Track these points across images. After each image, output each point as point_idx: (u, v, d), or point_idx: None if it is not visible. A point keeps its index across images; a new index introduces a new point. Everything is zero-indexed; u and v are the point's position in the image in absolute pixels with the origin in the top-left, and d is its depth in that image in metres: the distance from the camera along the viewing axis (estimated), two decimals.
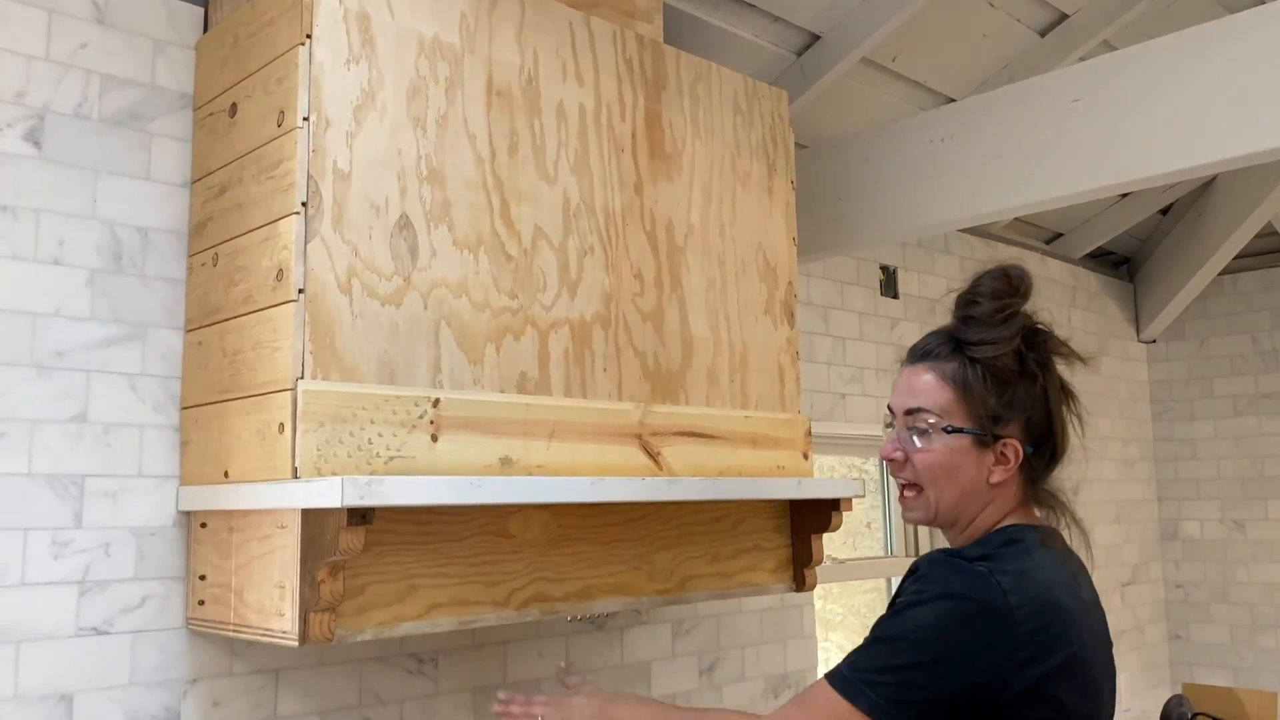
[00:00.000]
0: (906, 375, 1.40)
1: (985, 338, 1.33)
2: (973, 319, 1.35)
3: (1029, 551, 1.28)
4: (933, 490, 1.36)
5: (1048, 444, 1.37)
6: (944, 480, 1.35)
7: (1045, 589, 1.23)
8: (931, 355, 1.37)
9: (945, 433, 1.34)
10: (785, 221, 2.26)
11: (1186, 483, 4.70)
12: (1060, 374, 1.39)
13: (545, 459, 1.73)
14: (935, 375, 1.36)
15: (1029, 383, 1.34)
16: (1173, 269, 4.54)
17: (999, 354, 1.32)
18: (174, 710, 1.68)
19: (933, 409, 1.35)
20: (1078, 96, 2.28)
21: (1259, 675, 4.40)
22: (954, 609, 1.21)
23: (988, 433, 1.33)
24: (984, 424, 1.33)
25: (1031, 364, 1.34)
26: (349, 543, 1.39)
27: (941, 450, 1.35)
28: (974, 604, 1.20)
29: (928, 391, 1.36)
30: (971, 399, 1.33)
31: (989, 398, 1.33)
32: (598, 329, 1.87)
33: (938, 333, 1.40)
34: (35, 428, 1.58)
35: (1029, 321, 1.37)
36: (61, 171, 1.65)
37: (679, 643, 2.51)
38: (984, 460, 1.34)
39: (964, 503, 1.36)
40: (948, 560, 1.26)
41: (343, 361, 1.53)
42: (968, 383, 1.33)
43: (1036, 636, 1.20)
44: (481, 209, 1.72)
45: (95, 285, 1.66)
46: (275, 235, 1.54)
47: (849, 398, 3.22)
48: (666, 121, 2.04)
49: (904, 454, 1.38)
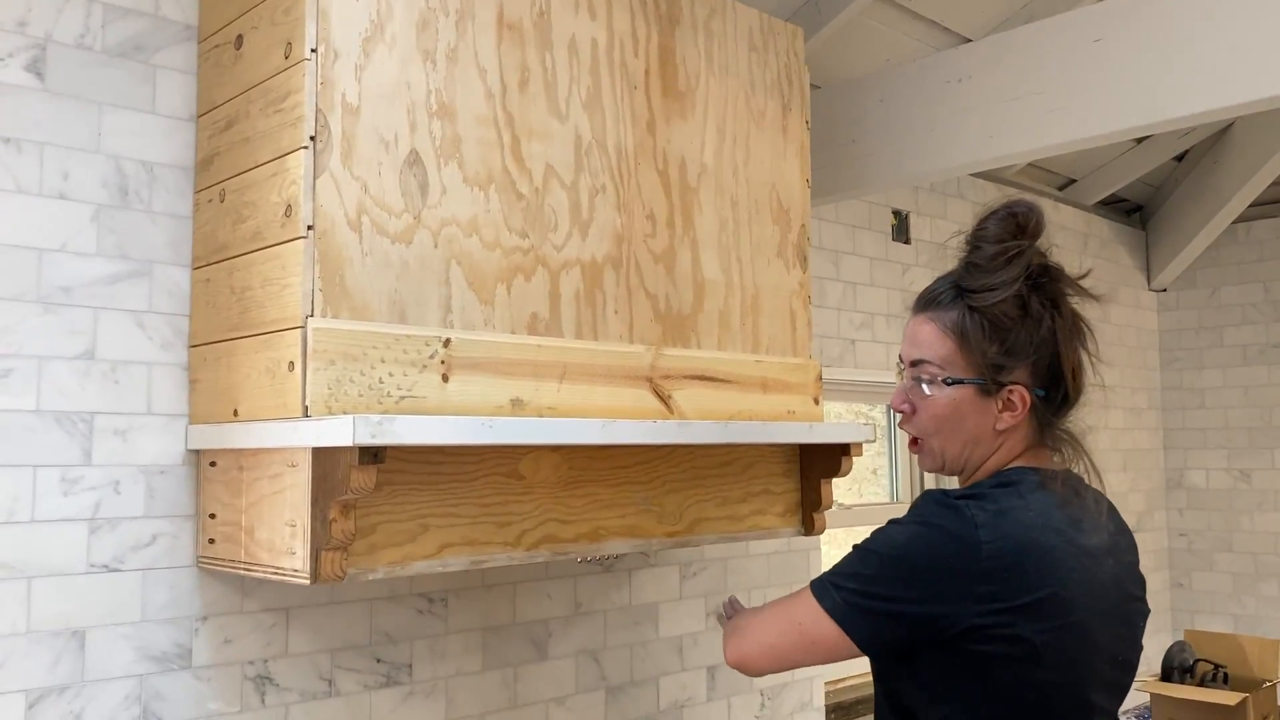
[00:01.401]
0: (912, 325, 1.39)
1: (986, 283, 1.31)
2: (975, 265, 1.33)
3: (1021, 493, 1.27)
4: (937, 440, 1.37)
5: (1059, 386, 1.34)
6: (949, 431, 1.35)
7: (1025, 529, 1.23)
8: (934, 304, 1.36)
9: (946, 384, 1.34)
10: (799, 162, 2.22)
11: (1193, 432, 4.69)
12: (1073, 311, 1.35)
13: (556, 401, 1.71)
14: (936, 326, 1.35)
15: (1033, 326, 1.31)
16: (1186, 217, 4.49)
17: (999, 299, 1.30)
18: (185, 647, 1.68)
19: (934, 360, 1.34)
20: (1099, 36, 2.23)
21: (1260, 623, 4.43)
22: (924, 534, 1.25)
23: (989, 381, 1.32)
24: (985, 372, 1.32)
25: (1036, 305, 1.31)
26: (360, 481, 1.38)
27: (945, 402, 1.34)
28: (943, 534, 1.23)
29: (929, 343, 1.35)
30: (970, 349, 1.32)
31: (989, 346, 1.31)
32: (609, 270, 1.84)
33: (943, 278, 1.39)
34: (43, 364, 1.57)
35: (1038, 259, 1.33)
36: (65, 104, 1.61)
37: (686, 585, 2.52)
38: (989, 408, 1.33)
39: (971, 450, 1.36)
40: (936, 496, 1.28)
41: (353, 300, 1.51)
42: (966, 332, 1.32)
43: (1003, 573, 1.20)
44: (492, 145, 1.69)
45: (101, 221, 1.64)
46: (283, 170, 1.51)
47: (859, 344, 3.20)
48: (680, 58, 2.00)
49: (911, 405, 1.38)
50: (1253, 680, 3.32)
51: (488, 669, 2.08)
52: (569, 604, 2.24)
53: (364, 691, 1.89)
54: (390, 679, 1.93)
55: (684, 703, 2.49)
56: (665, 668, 2.45)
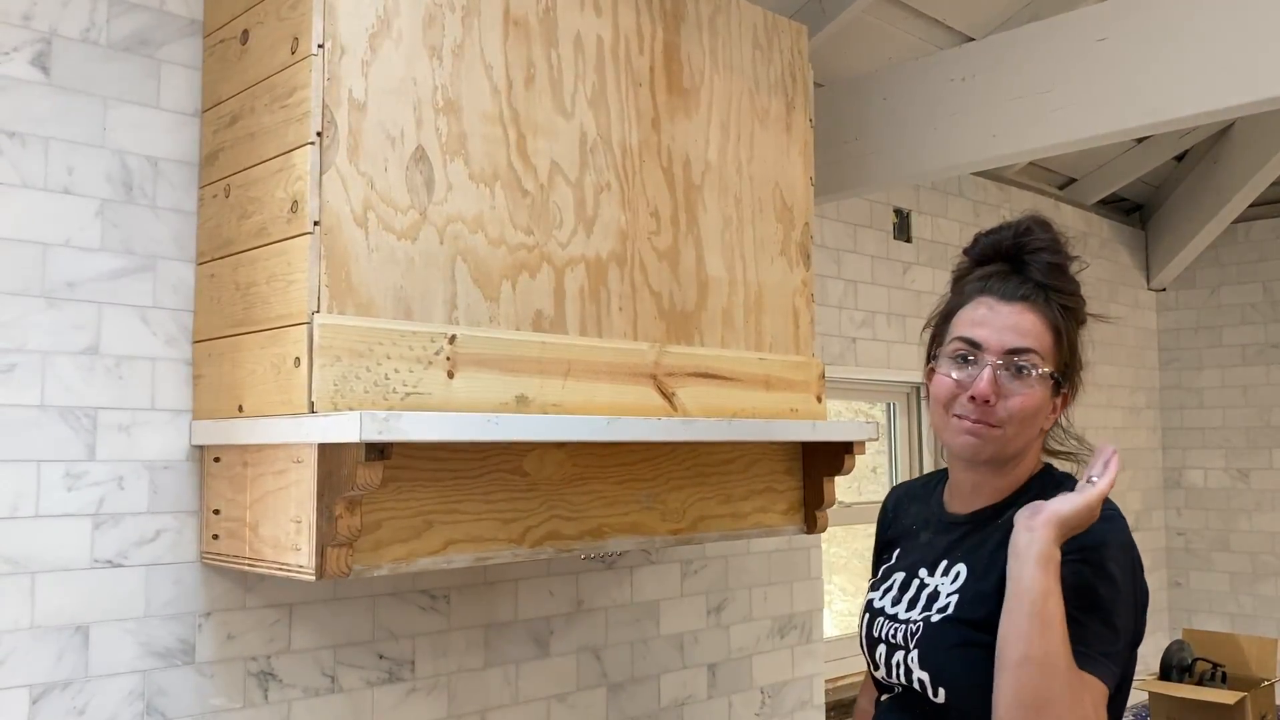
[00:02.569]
0: (1006, 313, 1.35)
1: (1073, 288, 1.37)
2: (1058, 267, 1.37)
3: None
4: (1013, 428, 1.33)
5: (1074, 389, 1.41)
6: (1029, 422, 1.34)
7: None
8: (1030, 297, 1.36)
9: (1045, 377, 1.34)
10: (803, 160, 2.22)
11: (1192, 431, 4.70)
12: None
13: (560, 398, 1.71)
14: (1039, 318, 1.35)
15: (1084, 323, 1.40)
16: (1186, 216, 4.49)
17: (1082, 305, 1.38)
18: (189, 643, 1.68)
19: (1039, 351, 1.33)
20: (1103, 36, 2.23)
21: (1257, 623, 4.44)
22: (1133, 558, 1.29)
23: (1064, 380, 1.37)
24: (1064, 371, 1.37)
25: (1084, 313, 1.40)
26: (366, 478, 1.38)
27: (1039, 394, 1.33)
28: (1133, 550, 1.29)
29: (1035, 334, 1.34)
30: (1061, 346, 1.35)
31: (1072, 345, 1.37)
32: (613, 267, 1.84)
33: (1017, 274, 1.38)
34: (47, 359, 1.57)
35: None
36: (70, 98, 1.61)
37: (687, 582, 2.52)
38: (1049, 406, 1.37)
39: (1027, 446, 1.38)
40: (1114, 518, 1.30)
41: (358, 296, 1.51)
42: (1061, 330, 1.35)
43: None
44: (498, 142, 1.69)
45: (105, 216, 1.63)
46: (289, 166, 1.51)
47: (860, 342, 3.20)
48: (685, 55, 2.00)
49: (997, 394, 1.34)
50: (1251, 679, 3.33)
51: (489, 666, 2.08)
52: (570, 601, 2.24)
53: (366, 688, 1.89)
54: (393, 675, 1.93)
55: (685, 700, 2.49)
56: (666, 665, 2.45)
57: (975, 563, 1.34)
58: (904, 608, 1.40)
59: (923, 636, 1.33)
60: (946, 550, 1.40)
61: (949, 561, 1.38)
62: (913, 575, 1.43)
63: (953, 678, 1.29)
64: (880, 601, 1.45)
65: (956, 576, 1.35)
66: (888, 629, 1.40)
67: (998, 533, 1.33)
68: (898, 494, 1.64)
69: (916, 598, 1.39)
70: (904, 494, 1.62)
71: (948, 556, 1.39)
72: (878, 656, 1.41)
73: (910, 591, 1.41)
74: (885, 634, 1.40)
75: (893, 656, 1.37)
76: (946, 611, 1.32)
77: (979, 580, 1.32)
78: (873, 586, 1.51)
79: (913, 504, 1.57)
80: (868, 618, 1.46)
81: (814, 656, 2.85)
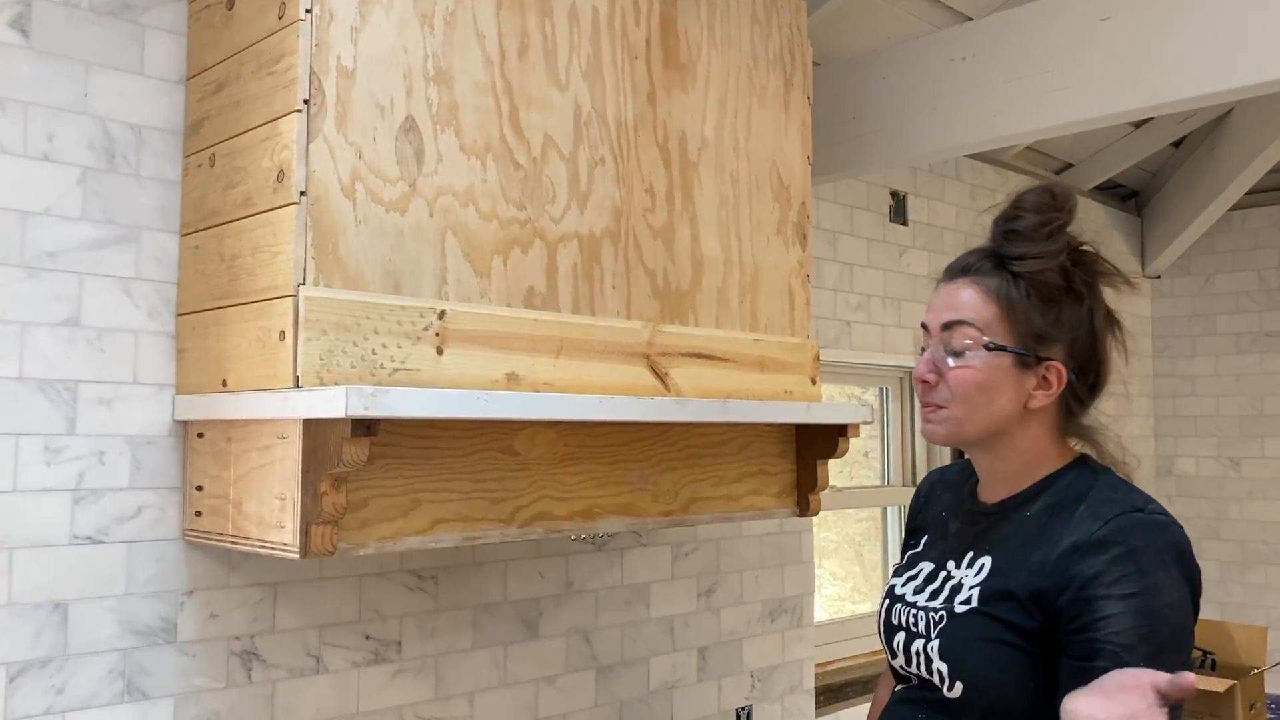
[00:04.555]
0: (944, 291, 1.31)
1: (1029, 251, 1.26)
2: (1015, 233, 1.28)
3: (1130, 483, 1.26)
4: (963, 408, 1.28)
5: (1091, 370, 1.30)
6: (978, 399, 1.27)
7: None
8: (972, 270, 1.29)
9: (986, 350, 1.26)
10: (801, 139, 2.19)
11: (1184, 419, 4.69)
12: (1106, 299, 1.32)
13: (552, 376, 1.68)
14: (977, 289, 1.28)
15: (1075, 302, 1.28)
16: (1182, 203, 4.47)
17: (1043, 269, 1.25)
18: (170, 621, 1.65)
19: (974, 323, 1.26)
20: (1106, 15, 2.20)
21: (1246, 611, 4.44)
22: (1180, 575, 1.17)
23: (1031, 353, 1.26)
24: (1028, 343, 1.26)
25: (1079, 283, 1.28)
26: (353, 454, 1.35)
27: (980, 367, 1.26)
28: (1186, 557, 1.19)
29: (969, 305, 1.28)
30: (1015, 316, 1.25)
31: (1034, 315, 1.25)
32: (607, 244, 1.81)
33: (978, 249, 1.32)
34: (26, 330, 1.53)
35: (1074, 240, 1.29)
36: (50, 62, 1.57)
37: (678, 565, 2.50)
38: (1024, 383, 1.27)
39: (998, 426, 1.29)
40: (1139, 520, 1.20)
41: (346, 269, 1.47)
42: (1011, 298, 1.25)
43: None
44: (490, 113, 1.65)
45: (87, 184, 1.59)
46: (276, 134, 1.47)
47: (854, 325, 3.17)
48: (682, 29, 1.96)
49: (937, 374, 1.30)
50: (1241, 667, 3.32)
51: (478, 647, 2.05)
52: (560, 583, 2.22)
53: (352, 669, 1.86)
54: (379, 656, 1.90)
55: (674, 683, 2.47)
56: (656, 648, 2.43)
57: (1001, 556, 1.28)
58: (926, 596, 1.35)
59: (946, 627, 1.28)
60: (974, 541, 1.34)
61: (974, 553, 1.32)
62: (941, 566, 1.37)
63: (973, 672, 1.23)
64: (902, 588, 1.40)
65: (981, 569, 1.29)
66: (908, 615, 1.35)
67: (1024, 526, 1.28)
68: (932, 479, 1.56)
69: (940, 588, 1.34)
70: (938, 480, 1.55)
71: (974, 548, 1.33)
72: (896, 644, 1.36)
73: (935, 582, 1.36)
74: (905, 621, 1.35)
75: (912, 644, 1.32)
76: (971, 603, 1.26)
77: (1005, 576, 1.25)
78: (896, 572, 1.45)
79: (945, 491, 1.50)
80: (887, 604, 1.41)
81: (804, 641, 2.83)
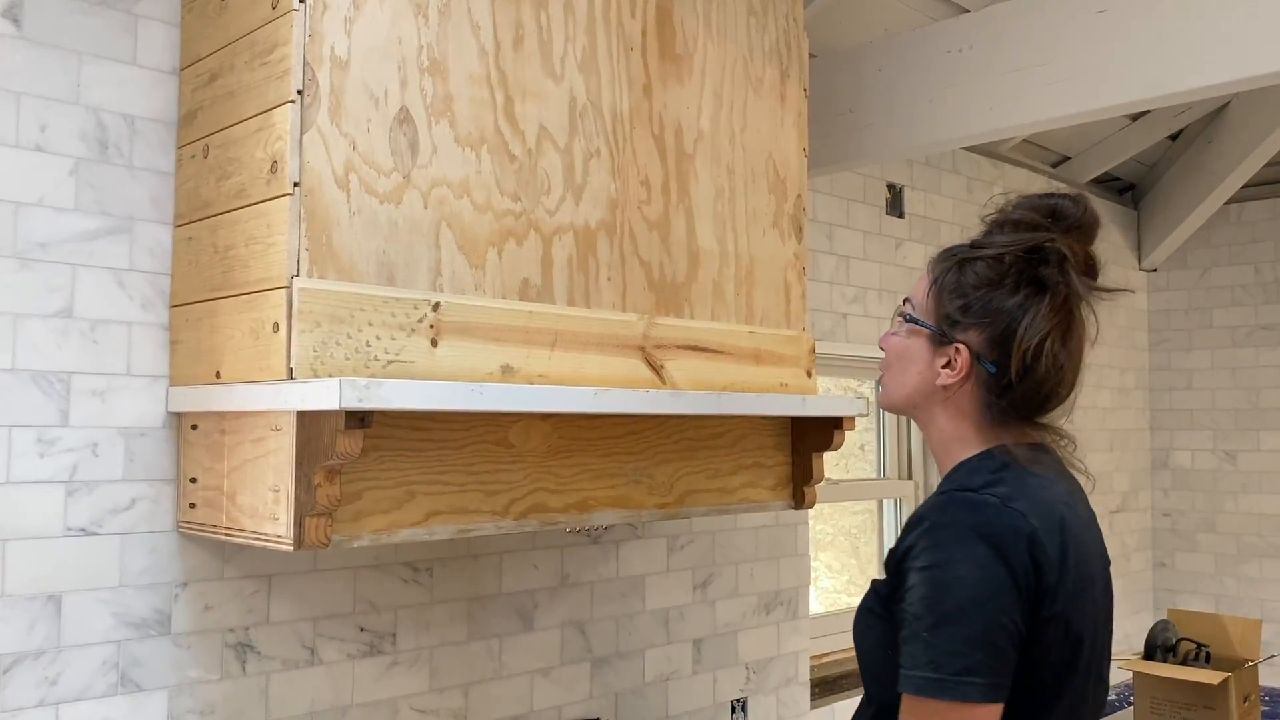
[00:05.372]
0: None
1: (980, 243, 1.33)
2: (986, 227, 1.36)
3: (1026, 471, 1.23)
4: (887, 375, 1.39)
5: (1013, 367, 1.26)
6: (897, 366, 1.37)
7: (1050, 508, 1.20)
8: (940, 257, 1.38)
9: (905, 320, 1.37)
10: (797, 131, 2.18)
11: (1180, 413, 4.70)
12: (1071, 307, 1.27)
13: (547, 368, 1.68)
14: (928, 271, 1.38)
15: (1002, 295, 1.27)
16: (1178, 196, 4.46)
17: (979, 257, 1.30)
18: (164, 613, 1.65)
19: (911, 299, 1.38)
20: (1103, 7, 2.19)
21: (1241, 604, 4.45)
22: (987, 552, 1.14)
23: (940, 331, 1.32)
24: (940, 322, 1.33)
25: (1017, 278, 1.27)
26: (346, 446, 1.34)
27: (900, 339, 1.37)
28: (1003, 537, 1.15)
29: (917, 286, 1.38)
30: (940, 297, 1.33)
31: (955, 298, 1.31)
32: (602, 236, 1.80)
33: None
34: (18, 321, 1.52)
35: (1044, 240, 1.28)
36: (42, 52, 1.56)
37: (673, 558, 2.50)
38: (935, 360, 1.32)
39: (913, 398, 1.35)
40: (956, 498, 1.20)
41: (340, 260, 1.47)
42: (944, 282, 1.33)
43: (1059, 555, 1.18)
44: (484, 105, 1.65)
45: (80, 175, 1.59)
46: (269, 125, 1.46)
47: (850, 318, 3.17)
48: (678, 20, 1.95)
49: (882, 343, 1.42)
50: (1235, 660, 3.33)
51: (472, 639, 2.05)
52: (555, 575, 2.22)
53: (347, 660, 1.86)
54: (373, 648, 1.90)
55: (669, 675, 2.47)
56: (651, 640, 2.43)
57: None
58: None
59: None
60: None
61: None
62: None
63: (855, 639, 1.31)
64: None
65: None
66: None
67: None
68: None
69: None
70: None
71: None
72: None
73: None
74: None
75: None
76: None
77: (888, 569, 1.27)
78: None
79: None
80: None
81: (800, 633, 2.84)
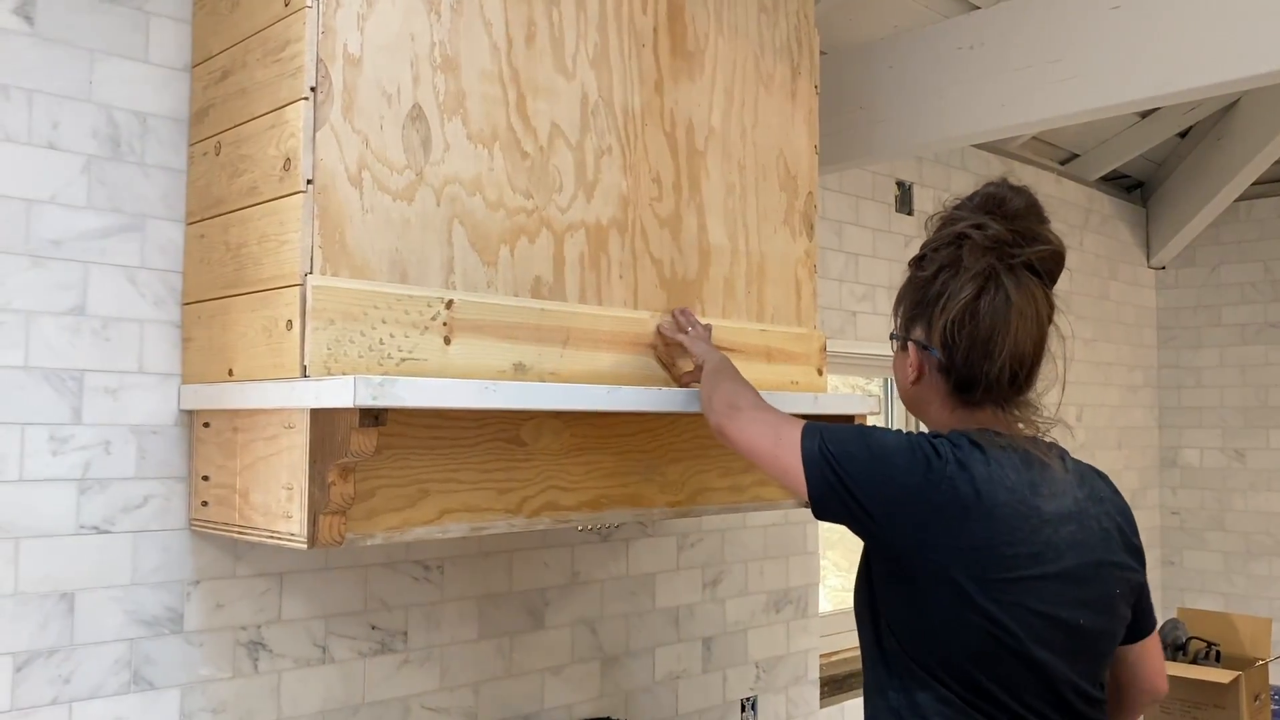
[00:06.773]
0: None
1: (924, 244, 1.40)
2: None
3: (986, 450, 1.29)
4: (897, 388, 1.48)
5: (963, 347, 1.31)
6: (897, 379, 1.45)
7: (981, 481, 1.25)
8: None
9: (890, 339, 1.46)
10: (807, 128, 2.18)
11: (1189, 410, 4.68)
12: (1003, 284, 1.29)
13: (559, 366, 1.67)
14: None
15: (930, 283, 1.35)
16: (1187, 194, 4.45)
17: (917, 258, 1.39)
18: (176, 611, 1.65)
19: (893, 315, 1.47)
20: (1117, 4, 2.19)
21: (1250, 602, 4.44)
22: (908, 452, 1.29)
23: (900, 337, 1.42)
24: (899, 331, 1.42)
25: (938, 265, 1.34)
26: (360, 444, 1.34)
27: (897, 353, 1.45)
28: (920, 458, 1.28)
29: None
30: (895, 308, 1.44)
31: (901, 304, 1.42)
32: (614, 234, 1.80)
33: None
34: (31, 319, 1.52)
35: (965, 228, 1.32)
36: (55, 50, 1.56)
37: (683, 556, 2.49)
38: (905, 362, 1.41)
39: (910, 404, 1.44)
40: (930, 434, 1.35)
41: (353, 258, 1.46)
42: (897, 294, 1.43)
43: (951, 512, 1.24)
44: (497, 102, 1.64)
45: (92, 172, 1.58)
46: (282, 122, 1.46)
47: (860, 316, 3.17)
48: (689, 16, 1.94)
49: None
50: (1245, 659, 3.32)
51: (483, 637, 2.05)
52: (566, 573, 2.21)
53: (358, 659, 1.86)
54: (385, 646, 1.90)
55: (679, 674, 2.47)
56: (661, 638, 2.43)
57: None
58: None
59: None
60: None
61: None
62: None
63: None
64: None
65: None
66: None
67: None
68: None
69: None
70: None
71: None
72: None
73: None
74: None
75: None
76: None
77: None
78: None
79: None
80: None
81: (809, 631, 2.83)
